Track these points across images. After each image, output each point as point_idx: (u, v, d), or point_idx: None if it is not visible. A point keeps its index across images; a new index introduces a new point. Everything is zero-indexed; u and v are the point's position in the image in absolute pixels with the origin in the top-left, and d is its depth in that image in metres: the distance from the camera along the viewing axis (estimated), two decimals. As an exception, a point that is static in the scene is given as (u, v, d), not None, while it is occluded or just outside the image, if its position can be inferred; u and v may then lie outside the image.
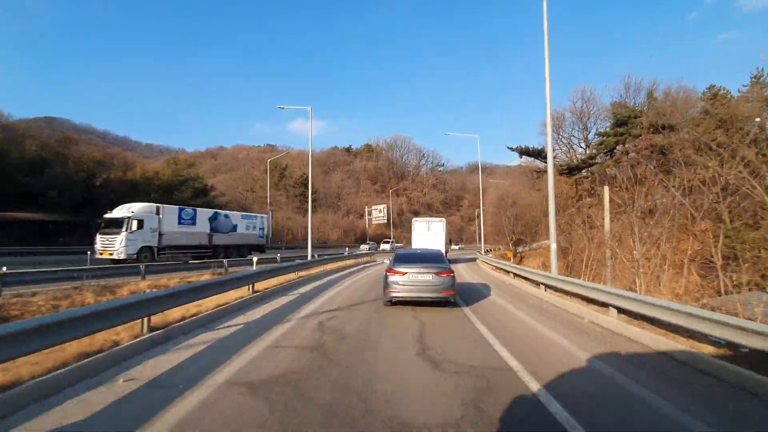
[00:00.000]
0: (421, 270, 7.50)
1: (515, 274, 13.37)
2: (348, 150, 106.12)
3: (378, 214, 65.23)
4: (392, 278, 7.51)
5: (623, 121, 32.68)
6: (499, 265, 16.10)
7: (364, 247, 42.80)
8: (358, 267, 20.13)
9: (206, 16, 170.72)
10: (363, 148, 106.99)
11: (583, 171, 36.26)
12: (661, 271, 13.77)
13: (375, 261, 25.84)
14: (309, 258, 19.42)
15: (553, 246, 10.42)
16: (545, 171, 41.26)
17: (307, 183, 66.39)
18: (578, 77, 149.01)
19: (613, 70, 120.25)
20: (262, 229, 26.28)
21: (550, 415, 3.05)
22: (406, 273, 7.48)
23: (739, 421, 3.06)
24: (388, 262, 8.93)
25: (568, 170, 33.68)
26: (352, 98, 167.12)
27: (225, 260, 14.65)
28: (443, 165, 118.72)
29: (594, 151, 33.11)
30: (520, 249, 44.64)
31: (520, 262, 40.13)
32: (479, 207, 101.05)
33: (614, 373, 4.10)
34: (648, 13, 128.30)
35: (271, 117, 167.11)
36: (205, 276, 13.55)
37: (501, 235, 43.65)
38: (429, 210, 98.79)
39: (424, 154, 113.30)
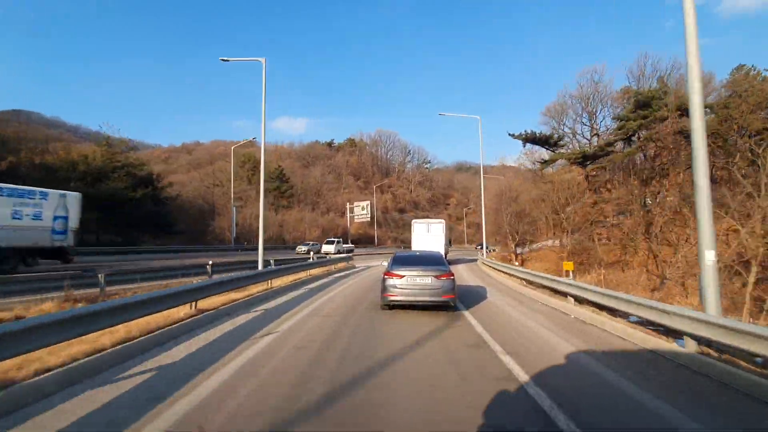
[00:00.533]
0: (420, 273, 7.22)
1: (590, 303, 7.95)
2: (330, 144, 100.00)
3: (361, 211, 59.60)
4: (390, 281, 7.22)
5: (644, 103, 28.20)
6: (538, 280, 10.75)
7: (301, 249, 34.20)
8: (331, 278, 14.51)
9: (187, 11, 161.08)
10: (346, 143, 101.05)
11: (591, 162, 31.73)
12: None
13: (354, 267, 20.22)
14: (260, 267, 13.72)
15: (710, 257, 5.04)
16: (552, 161, 36.67)
17: (284, 177, 60.18)
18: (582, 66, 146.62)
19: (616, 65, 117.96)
20: (64, 218, 14.56)
21: None
22: (404, 276, 7.17)
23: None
24: (371, 268, 8.45)
25: (582, 159, 29.01)
26: (337, 96, 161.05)
27: (100, 276, 8.69)
28: (429, 162, 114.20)
29: (612, 137, 28.47)
30: (519, 250, 40.05)
31: (521, 265, 35.39)
32: (468, 206, 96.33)
33: None
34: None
35: (254, 114, 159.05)
36: (50, 306, 7.67)
37: (500, 234, 38.85)
38: (415, 208, 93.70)
39: (410, 151, 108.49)
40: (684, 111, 27.46)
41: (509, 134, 34.98)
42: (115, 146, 29.12)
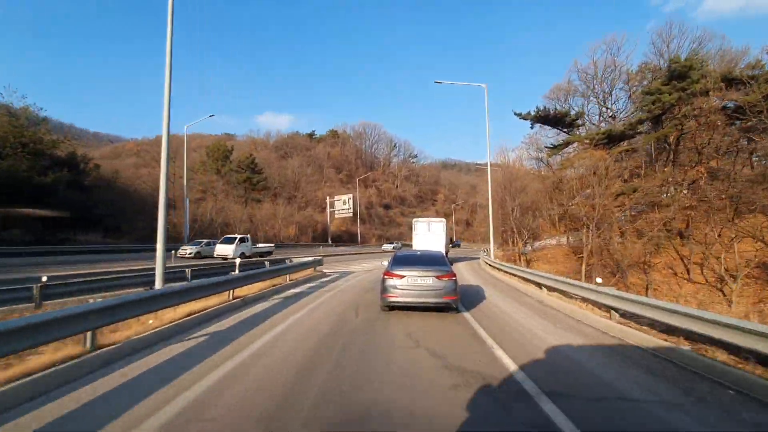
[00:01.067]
0: (421, 273, 6.86)
1: None
2: (311, 135, 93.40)
3: (342, 206, 53.69)
4: (390, 282, 6.88)
5: (681, 73, 23.47)
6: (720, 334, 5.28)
7: (185, 252, 22.55)
8: (272, 304, 8.82)
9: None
10: (328, 134, 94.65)
11: (616, 143, 26.94)
12: None
13: (325, 276, 14.53)
14: (157, 285, 8.22)
15: None
16: (566, 144, 31.52)
17: (256, 167, 53.74)
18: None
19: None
20: None
21: None
22: (404, 276, 6.84)
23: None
24: (351, 277, 9.21)
25: (607, 140, 24.07)
26: (322, 91, 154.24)
27: None
28: (416, 156, 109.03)
29: (646, 113, 23.49)
30: (522, 250, 35.20)
31: (528, 265, 30.45)
32: (456, 203, 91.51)
33: None
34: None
35: (236, 110, 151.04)
36: None
37: (503, 231, 33.79)
38: (401, 204, 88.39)
39: (395, 144, 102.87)
40: (730, 82, 22.92)
41: (515, 113, 29.75)
42: (20, 117, 22.35)
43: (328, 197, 55.56)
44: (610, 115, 31.15)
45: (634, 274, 27.65)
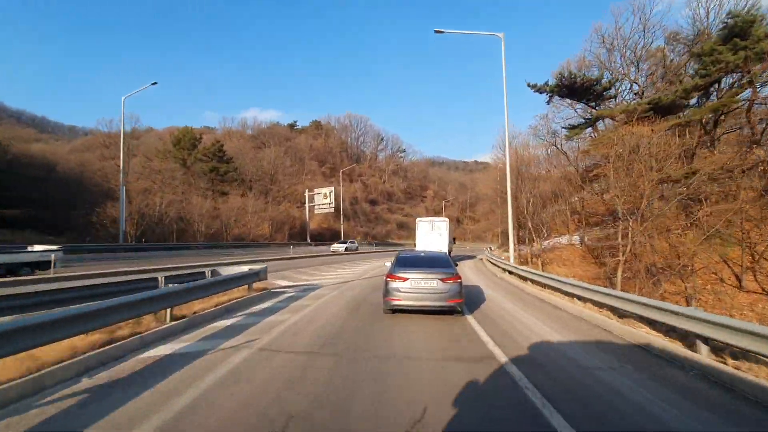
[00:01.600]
0: (425, 275, 6.63)
1: None
2: (292, 126, 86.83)
3: (323, 200, 47.72)
4: (393, 284, 6.66)
5: (741, 31, 18.78)
6: None
7: None
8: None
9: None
10: (311, 125, 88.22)
11: (663, 116, 22.06)
12: None
13: (266, 297, 8.89)
14: None
15: None
16: (594, 120, 24.21)
17: (224, 155, 47.17)
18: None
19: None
20: None
21: None
22: (408, 279, 6.61)
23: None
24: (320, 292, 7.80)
25: (653, 111, 19.04)
26: (307, 88, 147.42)
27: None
28: (405, 151, 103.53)
29: (699, 79, 18.38)
30: (527, 249, 30.34)
31: (542, 268, 25.48)
32: (446, 199, 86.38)
33: None
34: None
35: (220, 106, 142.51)
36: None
37: (506, 227, 28.63)
38: (389, 200, 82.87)
39: (383, 138, 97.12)
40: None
41: (529, 85, 24.31)
42: None
43: (306, 190, 49.54)
44: (636, 92, 26.35)
45: (666, 280, 23.00)
